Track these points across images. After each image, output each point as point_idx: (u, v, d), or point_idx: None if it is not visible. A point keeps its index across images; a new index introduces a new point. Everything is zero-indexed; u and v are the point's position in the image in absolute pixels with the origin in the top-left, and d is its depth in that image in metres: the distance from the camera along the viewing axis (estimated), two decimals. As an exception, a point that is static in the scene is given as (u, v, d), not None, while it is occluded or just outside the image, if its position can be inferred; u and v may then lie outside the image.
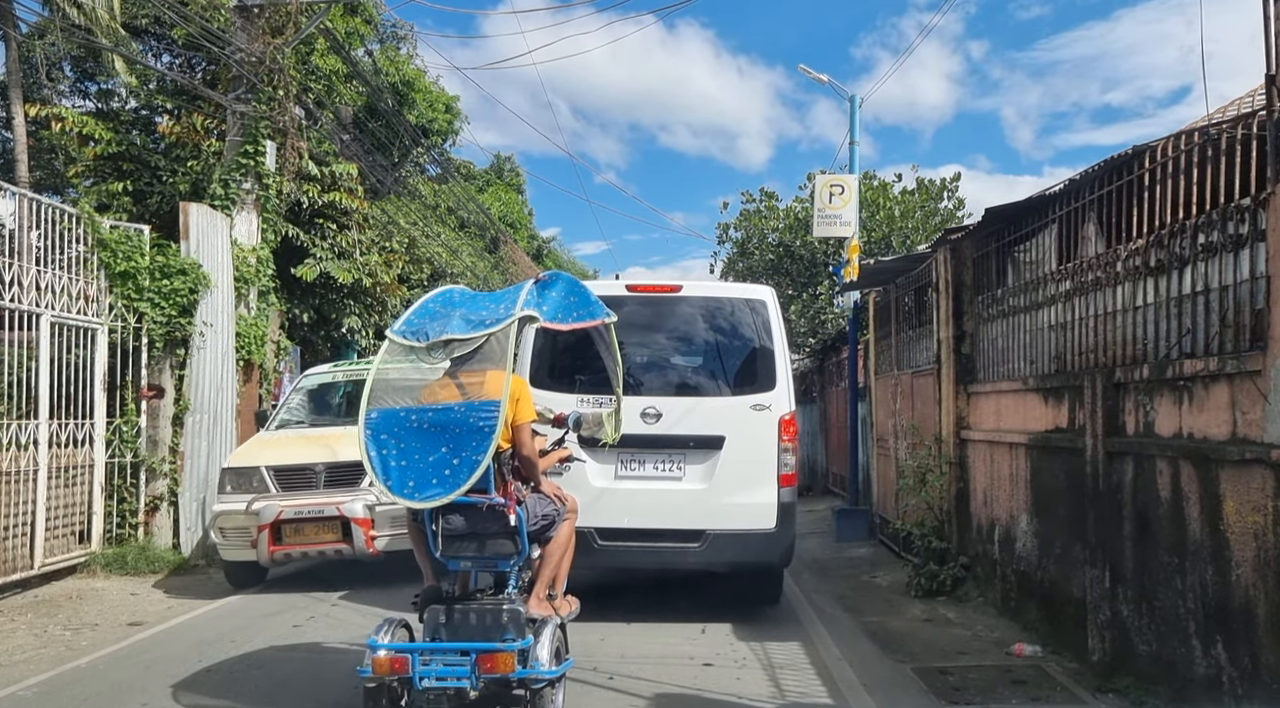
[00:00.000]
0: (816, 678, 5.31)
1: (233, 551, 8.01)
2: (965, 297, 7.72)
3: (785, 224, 21.09)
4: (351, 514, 7.62)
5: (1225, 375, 4.06)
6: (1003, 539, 6.87)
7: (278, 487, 7.92)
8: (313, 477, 7.95)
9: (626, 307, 6.42)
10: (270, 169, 11.44)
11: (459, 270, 19.08)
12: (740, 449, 6.54)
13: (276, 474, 7.99)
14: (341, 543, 7.68)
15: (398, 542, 7.52)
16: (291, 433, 8.91)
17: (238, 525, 7.83)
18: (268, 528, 7.64)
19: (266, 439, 8.82)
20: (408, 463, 4.01)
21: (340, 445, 7.98)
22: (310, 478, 7.95)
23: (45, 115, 13.18)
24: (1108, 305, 5.35)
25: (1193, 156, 4.61)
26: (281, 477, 7.99)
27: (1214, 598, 4.19)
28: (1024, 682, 5.18)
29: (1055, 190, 6.09)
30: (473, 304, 4.49)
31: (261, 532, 7.65)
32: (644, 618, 6.63)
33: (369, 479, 6.87)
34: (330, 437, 8.40)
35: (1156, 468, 4.66)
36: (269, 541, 7.65)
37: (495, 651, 3.99)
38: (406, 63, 18.34)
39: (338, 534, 7.69)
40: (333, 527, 7.69)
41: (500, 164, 34.38)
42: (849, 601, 7.63)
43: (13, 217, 8.74)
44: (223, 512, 7.95)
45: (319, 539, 7.71)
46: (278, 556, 7.80)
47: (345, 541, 7.67)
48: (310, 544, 7.75)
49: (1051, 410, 5.94)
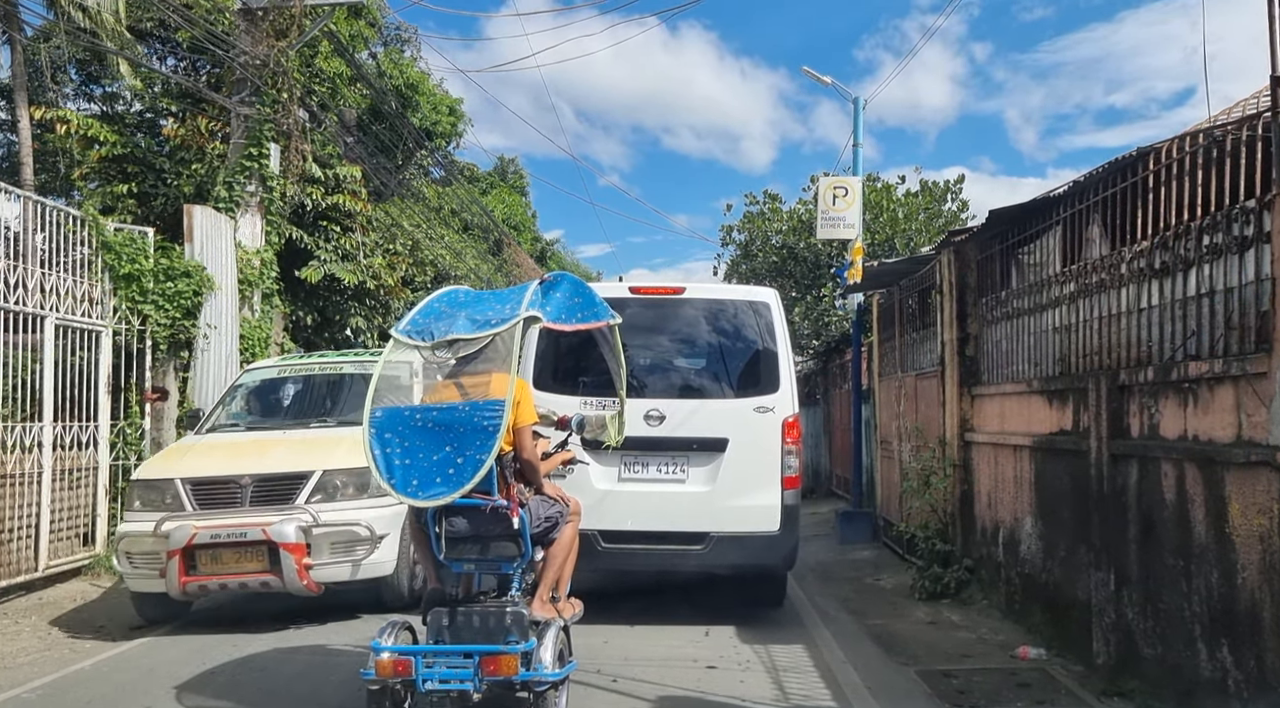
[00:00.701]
0: (820, 681, 5.30)
1: (142, 580, 6.64)
2: (969, 299, 7.71)
3: (789, 226, 21.09)
4: (280, 538, 6.26)
5: (1230, 378, 4.05)
6: (1007, 542, 6.85)
7: (195, 504, 6.57)
8: (237, 492, 6.57)
9: (630, 309, 6.42)
10: (274, 172, 11.46)
11: (463, 273, 19.10)
12: (744, 452, 6.53)
13: (194, 489, 6.63)
14: (268, 574, 6.32)
15: (343, 571, 6.53)
16: (221, 439, 7.49)
17: (146, 550, 6.52)
18: (178, 554, 6.28)
19: (188, 446, 7.51)
20: (411, 462, 4.01)
21: (274, 454, 6.90)
22: (234, 493, 6.58)
23: (50, 118, 13.21)
24: (1112, 308, 5.33)
25: (1197, 158, 4.59)
26: (200, 492, 6.63)
27: (1219, 601, 4.17)
28: (1028, 685, 5.16)
29: (1059, 192, 6.08)
30: (478, 304, 4.48)
31: (171, 559, 6.30)
32: (647, 621, 6.62)
33: (306, 495, 6.46)
34: (265, 443, 7.18)
35: (1161, 471, 4.64)
36: (180, 569, 6.30)
37: (499, 653, 3.99)
38: (410, 65, 18.37)
39: (263, 562, 6.33)
40: (257, 553, 6.35)
41: (504, 166, 34.42)
42: (853, 603, 7.62)
43: (18, 219, 8.75)
44: (128, 533, 6.63)
45: (240, 568, 6.36)
46: (190, 588, 6.40)
47: (273, 570, 6.31)
48: (230, 574, 6.38)
49: (1056, 413, 5.93)
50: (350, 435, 6.72)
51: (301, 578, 6.30)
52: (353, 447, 6.36)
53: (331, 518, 6.47)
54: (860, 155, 13.61)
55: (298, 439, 7.19)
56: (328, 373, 8.30)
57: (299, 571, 6.28)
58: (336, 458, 6.72)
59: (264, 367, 8.74)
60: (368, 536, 6.53)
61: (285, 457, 6.80)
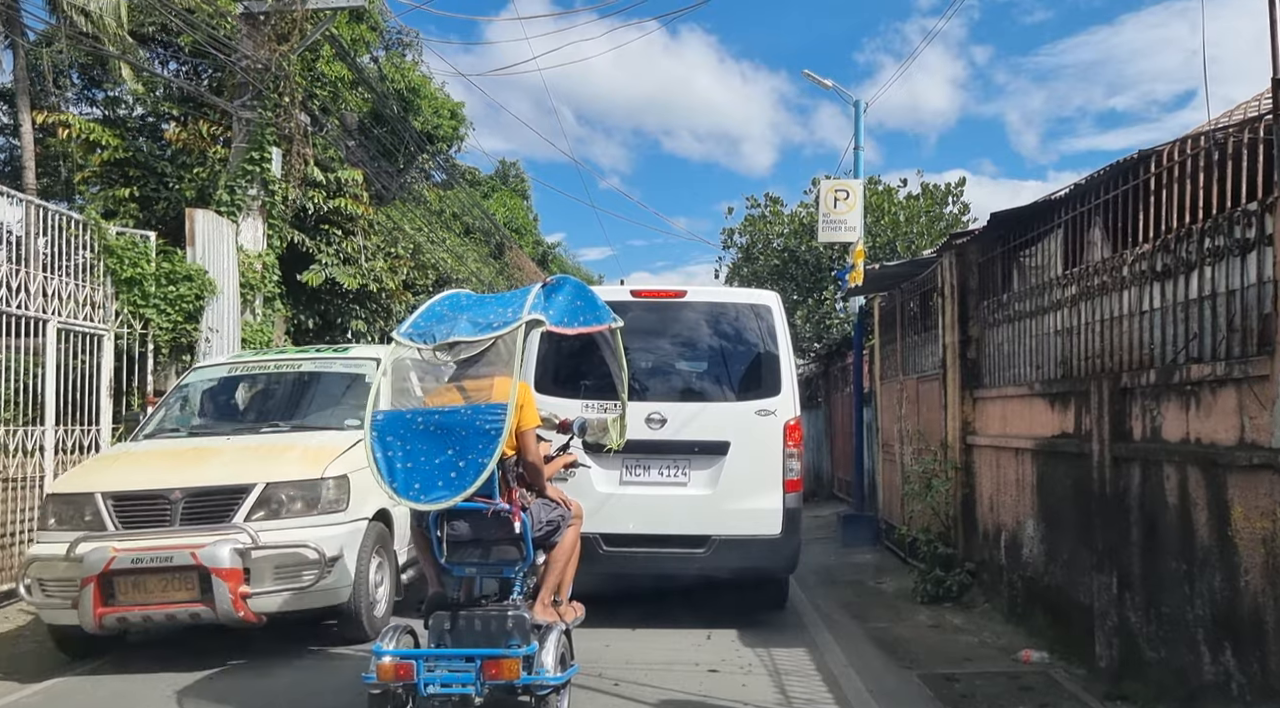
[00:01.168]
0: (823, 685, 5.29)
1: (56, 610, 5.68)
2: (970, 302, 7.71)
3: (790, 229, 21.08)
4: (212, 562, 5.34)
5: (1232, 380, 4.05)
6: (1009, 545, 6.84)
7: (117, 522, 5.64)
8: (167, 508, 5.65)
9: (631, 312, 6.41)
10: (276, 175, 11.47)
11: (464, 276, 19.12)
12: (745, 455, 6.53)
13: (117, 505, 5.70)
14: (198, 604, 5.41)
15: (289, 599, 5.69)
16: (156, 446, 6.58)
17: (59, 576, 5.58)
18: (94, 581, 5.35)
19: (116, 455, 6.72)
20: (413, 465, 4.01)
21: (211, 464, 6.04)
22: (163, 510, 5.65)
23: (52, 122, 13.23)
24: (1114, 310, 5.33)
25: (1199, 161, 4.59)
26: (124, 508, 5.70)
27: (1222, 604, 4.16)
28: (1031, 688, 5.15)
29: (1061, 195, 6.08)
30: (480, 307, 4.49)
31: (85, 586, 5.37)
32: (649, 624, 6.61)
33: (245, 511, 5.59)
34: (205, 452, 6.30)
35: (1163, 473, 4.64)
36: (95, 599, 5.36)
37: (500, 657, 3.99)
38: (412, 69, 18.39)
39: (193, 591, 5.42)
40: (186, 580, 5.42)
41: (505, 170, 34.46)
42: (855, 607, 7.60)
43: (20, 223, 8.76)
44: (38, 557, 5.67)
45: (166, 598, 5.44)
46: (107, 620, 5.44)
47: (204, 600, 5.40)
48: (154, 605, 5.44)
49: (1058, 416, 5.92)
50: (304, 442, 6.26)
51: (238, 608, 5.39)
52: (305, 455, 6.02)
53: (275, 538, 5.60)
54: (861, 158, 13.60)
55: (241, 447, 6.31)
56: (285, 371, 7.45)
57: (234, 600, 5.37)
58: (284, 469, 5.86)
59: (214, 364, 7.83)
60: (317, 558, 5.61)
61: (224, 468, 5.96)
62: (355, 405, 6.69)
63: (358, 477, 5.89)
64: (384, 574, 6.44)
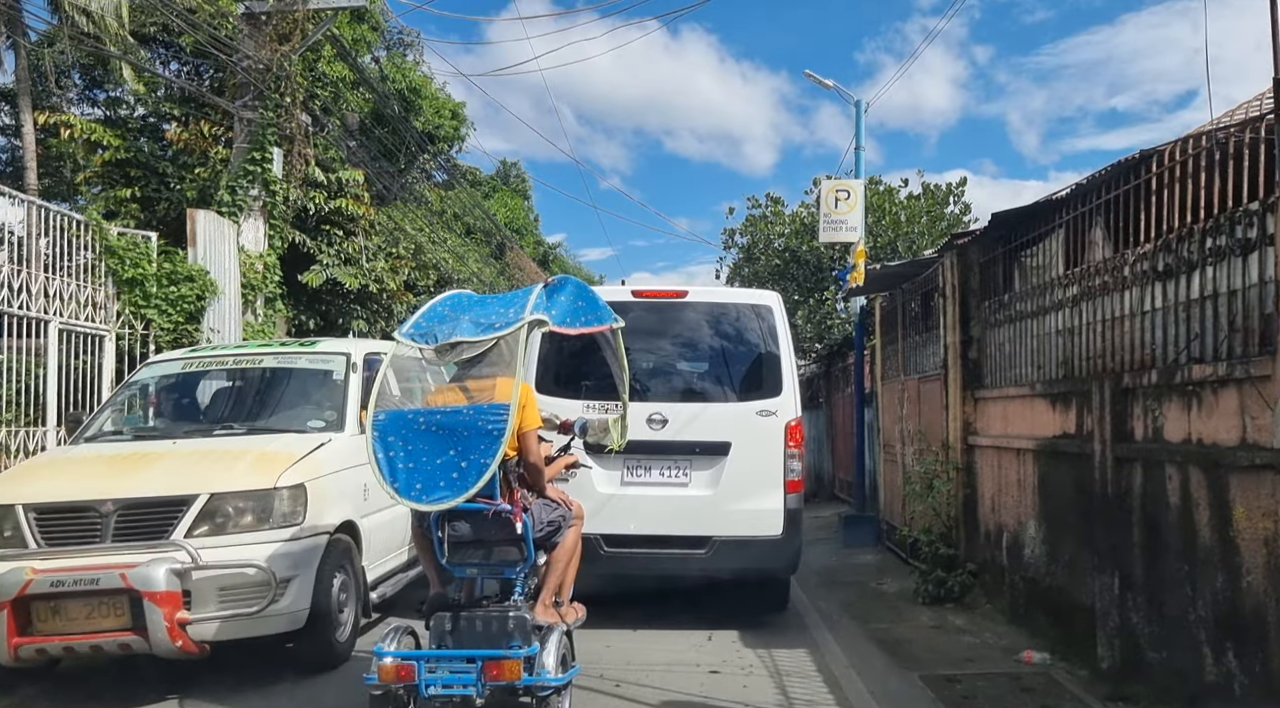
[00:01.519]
0: (824, 686, 5.29)
1: None
2: (972, 302, 7.70)
3: (791, 229, 21.09)
4: (145, 585, 4.66)
5: (1234, 381, 4.04)
6: (1011, 546, 6.84)
7: (40, 539, 4.95)
8: (97, 523, 4.97)
9: (632, 312, 6.41)
10: (277, 176, 11.48)
11: (465, 276, 19.13)
12: (746, 455, 6.52)
13: (40, 519, 5.00)
14: (128, 632, 4.74)
15: (235, 625, 4.97)
16: (93, 451, 5.86)
17: None
18: (8, 608, 4.70)
19: (46, 462, 6.09)
20: (415, 465, 4.00)
21: (151, 471, 5.30)
22: (94, 525, 4.98)
23: (54, 123, 13.24)
24: (1115, 310, 5.33)
25: (1200, 161, 4.59)
26: (48, 523, 5.01)
27: (1225, 605, 4.16)
28: (1033, 690, 5.15)
29: (1062, 195, 6.08)
30: (481, 308, 4.48)
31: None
32: (650, 625, 6.61)
33: (186, 526, 4.95)
34: (147, 457, 5.55)
35: (1165, 474, 4.63)
36: (9, 628, 4.71)
37: (501, 658, 3.98)
38: (413, 69, 18.40)
39: (123, 618, 4.75)
40: (115, 606, 4.75)
41: (506, 170, 34.48)
42: (856, 608, 7.60)
43: (21, 224, 8.76)
44: None
45: (92, 626, 4.77)
46: (24, 651, 4.77)
47: (136, 628, 4.73)
48: (77, 634, 4.77)
49: (1059, 416, 5.91)
50: (258, 447, 5.59)
51: (174, 637, 4.72)
52: (258, 462, 5.33)
53: (220, 557, 4.94)
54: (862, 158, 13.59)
55: (188, 453, 5.60)
56: (245, 368, 6.75)
57: (170, 627, 4.69)
58: (233, 477, 5.19)
59: (167, 360, 7.06)
60: (268, 579, 4.94)
61: (164, 476, 5.24)
62: (321, 405, 6.35)
63: (318, 486, 5.43)
64: (349, 594, 5.73)
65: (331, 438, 5.93)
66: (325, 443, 5.81)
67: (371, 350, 6.88)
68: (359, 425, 5.99)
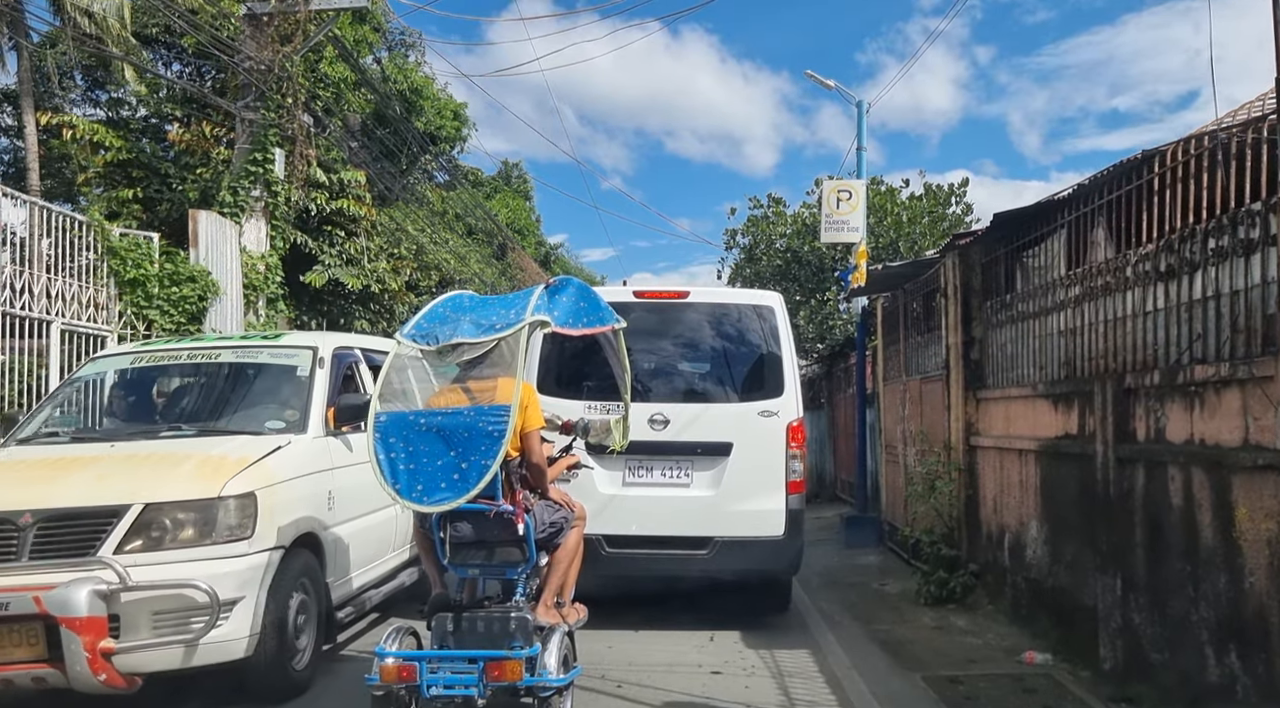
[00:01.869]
0: (826, 687, 5.28)
1: None
2: (974, 302, 7.70)
3: (793, 230, 21.08)
4: (62, 610, 4.07)
5: (1237, 381, 4.04)
6: (1013, 546, 6.83)
7: None
8: (13, 537, 4.37)
9: (634, 313, 6.40)
10: (279, 176, 11.49)
11: (467, 277, 19.13)
12: (748, 456, 6.52)
13: None
14: (42, 664, 4.17)
15: (171, 655, 4.37)
16: (19, 456, 5.26)
17: None
18: None
19: None
20: (416, 467, 4.00)
21: (78, 479, 4.65)
22: (10, 540, 4.37)
23: (56, 123, 13.26)
24: (1118, 311, 5.32)
25: (1202, 161, 4.59)
26: None
27: (1227, 606, 4.15)
28: (1035, 691, 5.14)
29: (1064, 195, 6.07)
30: (483, 309, 4.48)
31: None
32: (652, 626, 6.61)
33: (115, 541, 4.34)
34: (76, 462, 4.93)
35: (1168, 474, 4.63)
36: None
37: (503, 658, 3.98)
38: (414, 70, 18.41)
39: (37, 647, 4.17)
40: (28, 634, 4.18)
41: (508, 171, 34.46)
42: (858, 608, 7.59)
43: (24, 225, 8.77)
44: None
45: (1, 657, 4.20)
46: None
47: (52, 660, 4.15)
48: None
49: (1061, 416, 5.91)
50: (204, 451, 4.95)
51: (97, 670, 4.10)
52: (201, 468, 4.70)
53: (153, 576, 4.33)
54: (864, 158, 13.59)
55: (125, 457, 4.98)
56: (200, 363, 6.10)
57: (92, 658, 4.08)
58: (172, 485, 4.56)
59: (115, 354, 6.44)
60: (208, 601, 4.31)
61: (92, 484, 4.58)
62: (282, 404, 5.70)
63: (271, 494, 4.77)
64: (309, 616, 5.11)
65: (292, 440, 5.28)
66: (283, 446, 5.16)
67: (342, 345, 6.43)
68: (325, 426, 5.60)
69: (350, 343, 6.65)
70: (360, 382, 6.35)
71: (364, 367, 6.50)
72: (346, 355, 6.34)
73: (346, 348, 6.43)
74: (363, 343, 6.97)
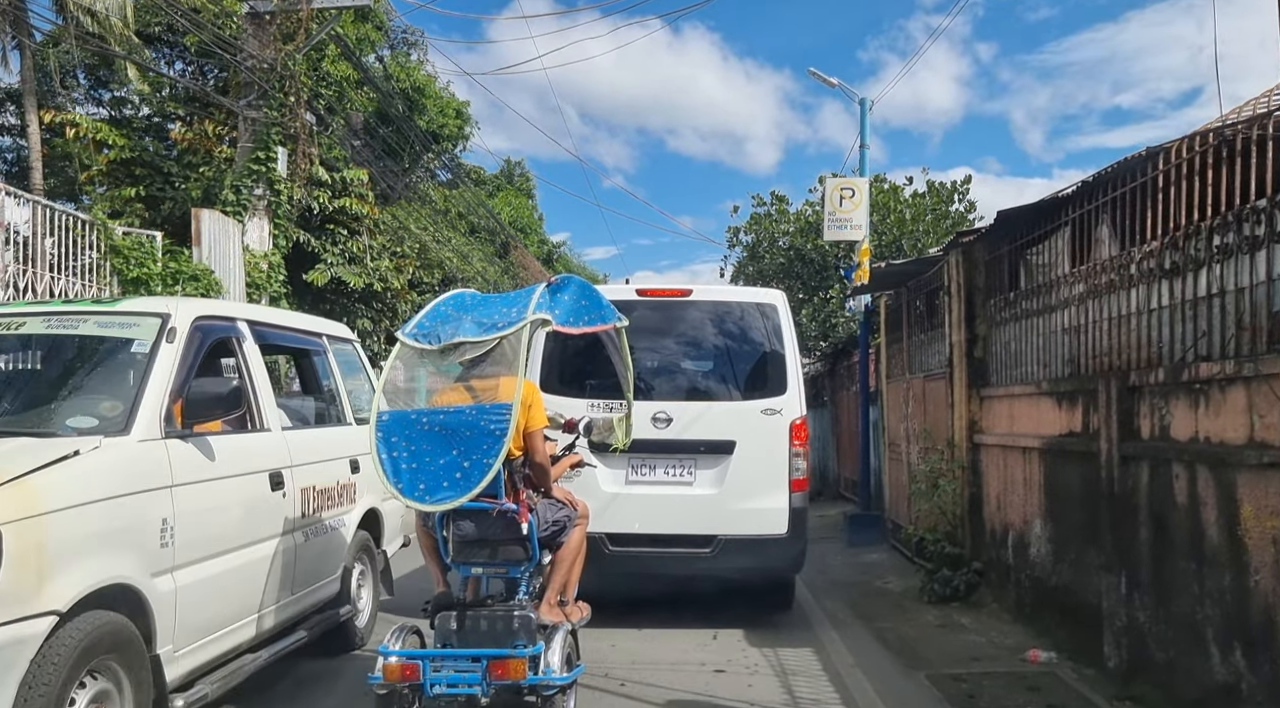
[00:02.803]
0: (830, 685, 5.27)
1: None
2: (977, 300, 7.68)
3: (796, 228, 21.03)
4: None
5: (1242, 379, 4.02)
6: (1016, 544, 6.82)
7: None
8: None
9: (636, 311, 6.40)
10: (281, 175, 11.50)
11: (470, 275, 19.13)
12: (751, 454, 6.51)
13: None
14: None
15: None
16: None
17: None
18: None
19: None
20: (418, 466, 4.00)
21: None
22: None
23: (59, 122, 13.27)
24: (1122, 308, 5.30)
25: (1207, 158, 4.57)
26: None
27: (1232, 604, 4.14)
28: (1039, 689, 5.13)
29: (1068, 193, 6.05)
30: (485, 307, 4.48)
31: None
32: (655, 624, 6.60)
33: None
34: None
35: (1172, 472, 4.61)
36: None
37: (506, 657, 3.98)
38: (417, 69, 18.41)
39: None
40: None
41: (510, 169, 34.47)
42: (861, 607, 7.58)
43: (27, 223, 8.77)
44: None
45: None
46: None
47: None
48: None
49: (1065, 414, 5.89)
50: None
51: None
52: None
53: None
54: (867, 156, 13.56)
55: None
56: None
57: None
58: None
59: None
60: None
61: None
62: (102, 392, 4.11)
63: (32, 531, 3.12)
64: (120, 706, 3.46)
65: (100, 445, 3.57)
66: (80, 454, 3.43)
67: (212, 314, 4.65)
68: (165, 424, 3.93)
69: (232, 312, 4.96)
70: (243, 365, 4.76)
71: (251, 345, 4.84)
72: (218, 328, 4.61)
73: (219, 318, 4.72)
74: (255, 314, 5.38)
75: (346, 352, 6.46)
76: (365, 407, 5.90)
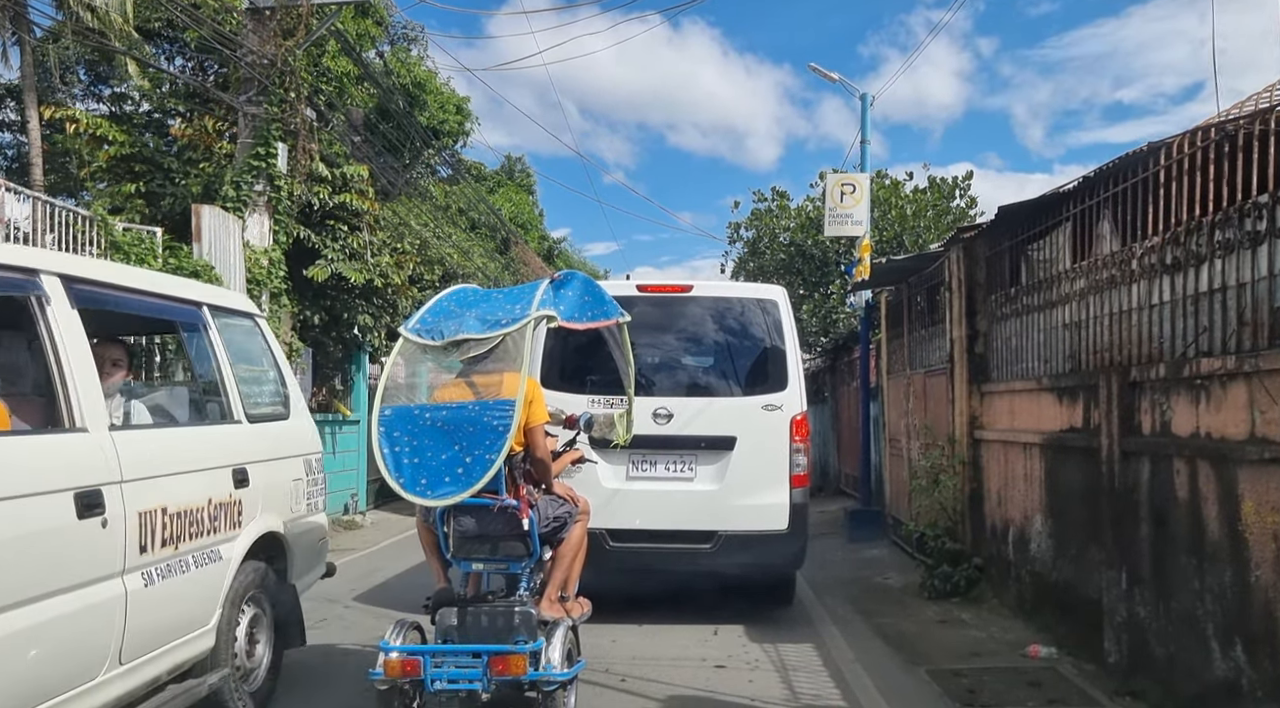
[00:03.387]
0: (830, 680, 5.28)
1: None
2: (978, 295, 7.68)
3: (797, 223, 21.04)
4: None
5: (1243, 374, 4.02)
6: (1017, 540, 6.82)
7: None
8: None
9: (637, 307, 6.39)
10: (282, 171, 11.48)
11: (470, 271, 19.12)
12: (752, 450, 6.51)
13: None
14: None
15: None
16: None
17: None
18: None
19: None
20: (420, 461, 4.00)
21: None
22: None
23: (59, 118, 13.24)
24: (1123, 304, 5.30)
25: (1209, 153, 4.56)
26: None
27: (1233, 600, 4.14)
28: (1039, 684, 5.14)
29: (1069, 188, 6.04)
30: (488, 303, 4.48)
31: None
32: (656, 620, 6.61)
33: None
34: None
35: (1173, 468, 4.61)
36: None
37: (507, 653, 3.98)
38: (417, 64, 18.39)
39: None
40: None
41: (511, 165, 34.40)
42: (862, 602, 7.59)
43: (27, 220, 8.76)
44: None
45: None
46: None
47: None
48: None
49: (1066, 410, 5.89)
50: None
51: None
52: None
53: None
54: (868, 152, 13.57)
55: None
56: None
57: None
58: None
59: None
60: None
61: None
62: None
63: None
64: None
65: None
66: None
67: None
68: None
69: (31, 262, 3.46)
70: (45, 336, 3.37)
71: (65, 310, 3.45)
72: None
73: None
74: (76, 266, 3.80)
75: (239, 327, 4.92)
76: (267, 401, 4.95)
